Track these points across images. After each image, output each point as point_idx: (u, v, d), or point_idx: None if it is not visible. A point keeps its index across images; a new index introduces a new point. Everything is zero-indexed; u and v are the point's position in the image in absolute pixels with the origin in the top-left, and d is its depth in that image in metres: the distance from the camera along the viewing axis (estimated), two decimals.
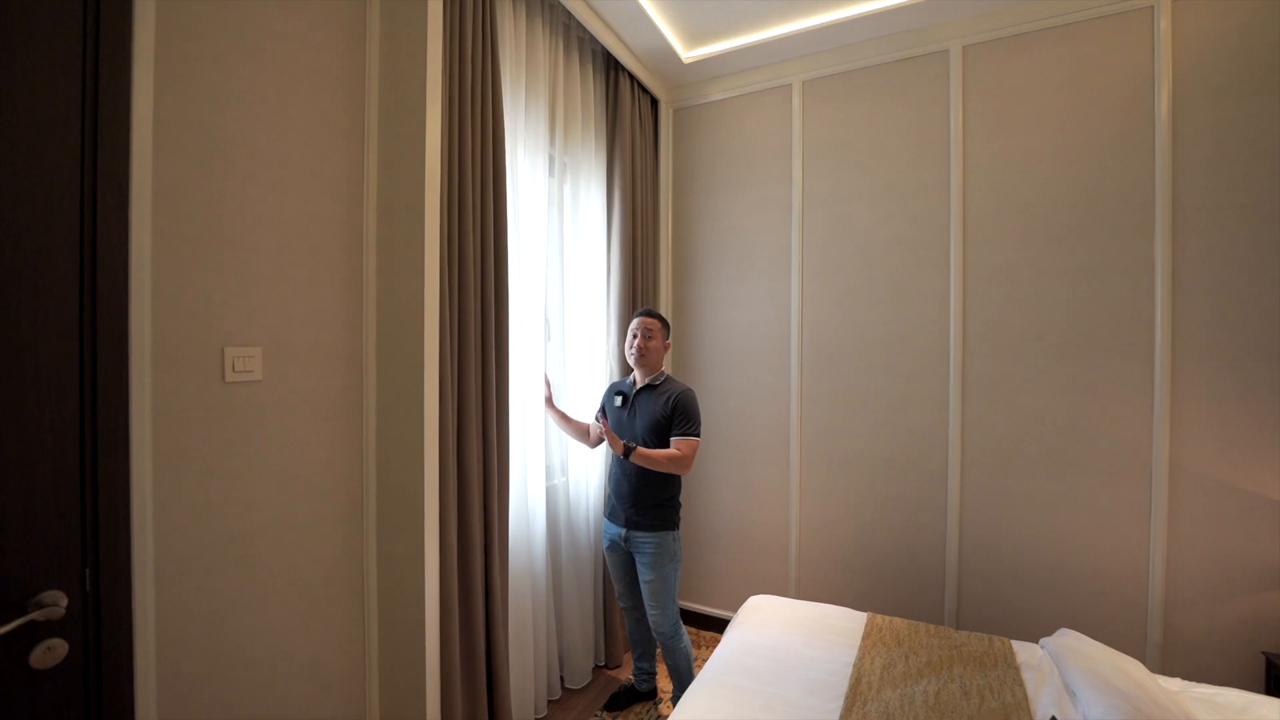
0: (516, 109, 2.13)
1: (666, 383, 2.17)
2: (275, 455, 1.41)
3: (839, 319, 2.60)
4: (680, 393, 2.10)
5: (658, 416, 2.08)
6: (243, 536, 1.35)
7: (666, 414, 2.07)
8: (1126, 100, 2.10)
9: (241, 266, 1.34)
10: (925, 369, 2.42)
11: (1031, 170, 2.24)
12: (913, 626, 1.94)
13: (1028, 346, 2.25)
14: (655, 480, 2.09)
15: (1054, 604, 2.20)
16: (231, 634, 1.33)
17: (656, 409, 2.09)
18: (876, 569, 2.52)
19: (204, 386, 1.28)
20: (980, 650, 1.78)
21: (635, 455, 2.01)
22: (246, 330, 1.35)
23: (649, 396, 2.14)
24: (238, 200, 1.34)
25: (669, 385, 2.15)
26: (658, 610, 2.11)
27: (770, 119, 2.76)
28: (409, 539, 1.61)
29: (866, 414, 2.54)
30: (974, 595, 2.33)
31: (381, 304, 1.64)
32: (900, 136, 2.47)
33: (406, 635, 1.63)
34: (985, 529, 2.32)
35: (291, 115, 1.45)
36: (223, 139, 1.31)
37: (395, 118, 1.63)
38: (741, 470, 2.82)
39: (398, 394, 1.62)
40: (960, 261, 2.35)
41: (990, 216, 2.31)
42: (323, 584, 1.52)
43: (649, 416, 2.10)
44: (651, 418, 2.09)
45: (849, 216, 2.58)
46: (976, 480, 2.33)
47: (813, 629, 1.93)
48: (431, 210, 1.60)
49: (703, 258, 2.93)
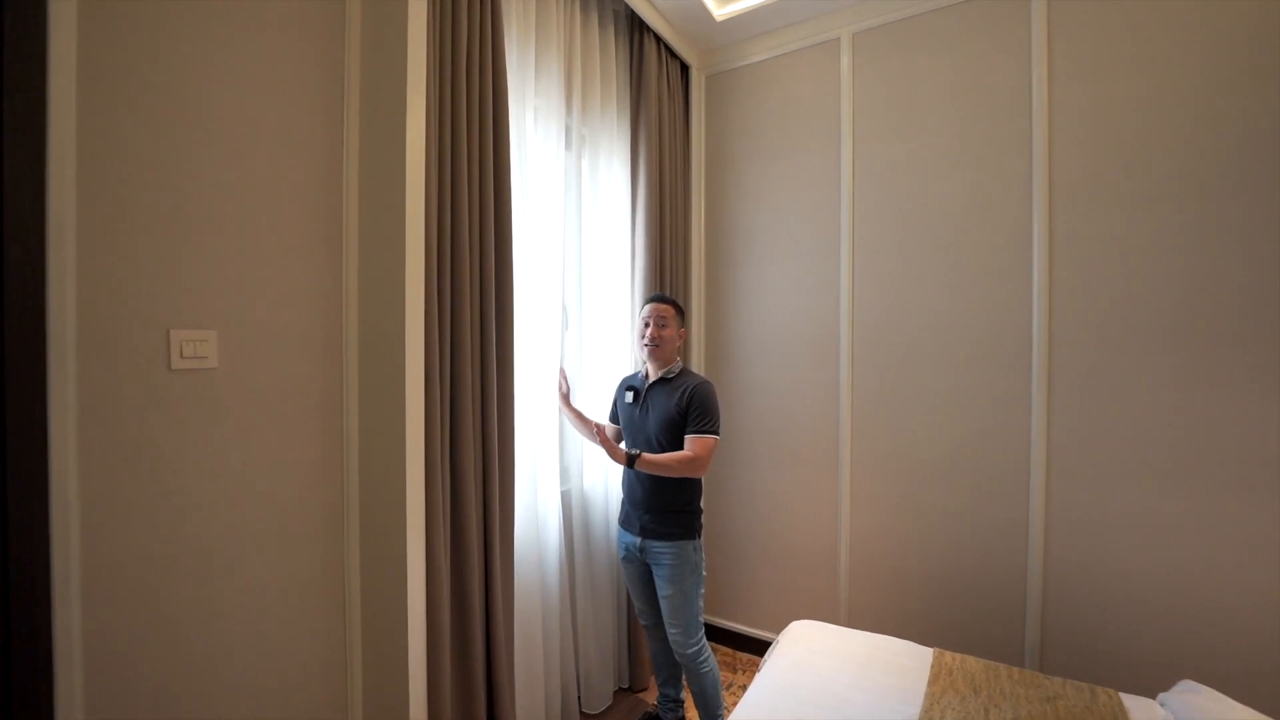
0: (525, 72, 1.91)
1: (682, 375, 1.92)
2: (234, 454, 1.23)
3: (897, 303, 2.26)
4: (697, 385, 1.85)
5: (672, 413, 1.83)
6: (195, 548, 1.17)
7: (681, 409, 1.82)
8: (1266, 27, 1.69)
9: (194, 237, 1.17)
10: (1003, 360, 2.06)
11: (1141, 118, 1.85)
12: (991, 669, 1.61)
13: (1132, 332, 1.86)
14: (671, 483, 1.86)
15: (1169, 649, 1.80)
16: (181, 661, 1.15)
17: (671, 405, 1.85)
18: (942, 592, 2.17)
19: (144, 375, 1.11)
20: (1081, 705, 1.43)
21: (641, 464, 1.77)
22: (199, 310, 1.18)
23: (663, 391, 1.90)
24: (190, 161, 1.16)
25: (685, 378, 1.90)
26: (678, 628, 1.85)
27: (815, 79, 2.44)
28: (391, 550, 1.41)
29: (930, 413, 2.19)
30: (1062, 632, 1.96)
31: (364, 282, 1.45)
32: (970, 90, 2.12)
33: (390, 657, 1.43)
34: (1077, 551, 1.94)
35: (258, 68, 1.27)
36: (170, 90, 1.13)
37: (377, 73, 1.43)
38: (784, 475, 2.52)
39: (380, 383, 1.42)
40: (1045, 232, 1.98)
41: (1083, 178, 1.93)
42: (295, 601, 1.34)
43: (663, 413, 1.86)
44: (666, 414, 1.85)
45: (907, 185, 2.24)
46: (1066, 493, 1.96)
47: (866, 666, 1.63)
48: (414, 176, 1.39)
49: (739, 238, 2.64)
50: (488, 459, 1.65)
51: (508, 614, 1.72)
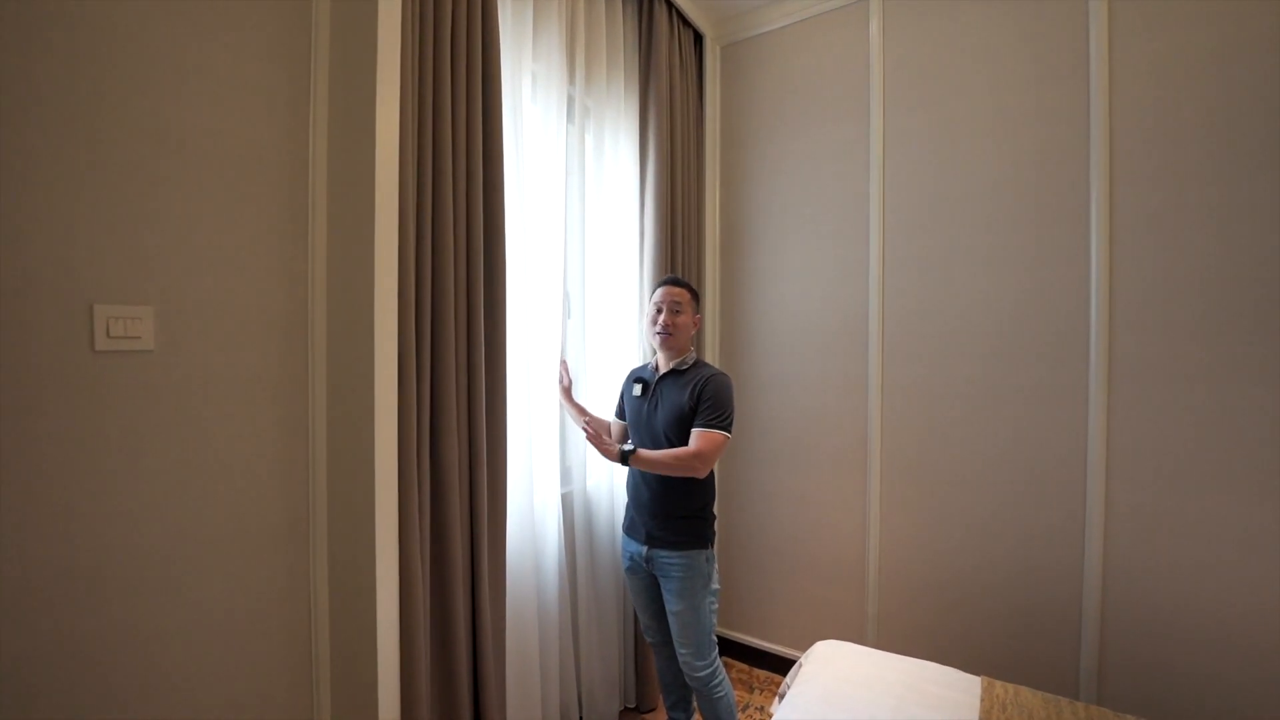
0: (521, 33, 1.74)
1: (696, 367, 1.74)
2: (174, 452, 1.07)
3: (933, 288, 2.04)
4: (711, 376, 1.67)
5: (683, 407, 1.65)
6: (129, 558, 1.01)
7: (692, 403, 1.64)
8: None
9: (126, 199, 1.01)
10: (1055, 351, 1.83)
11: (1214, 75, 1.62)
12: (1051, 704, 1.39)
13: (1205, 318, 1.63)
14: (681, 486, 1.68)
15: (1253, 680, 1.56)
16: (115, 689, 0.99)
17: (682, 398, 1.66)
18: (982, 612, 1.95)
19: (63, 357, 0.95)
20: None
21: (635, 461, 1.60)
22: (132, 284, 1.02)
23: (674, 384, 1.72)
24: (123, 109, 1.00)
25: (699, 370, 1.72)
26: (689, 648, 1.67)
27: (841, 45, 2.23)
28: (357, 561, 1.24)
29: (971, 410, 1.97)
30: (1124, 660, 1.73)
31: (333, 253, 1.28)
32: (1016, 49, 1.90)
33: (359, 680, 1.26)
34: (1142, 566, 1.71)
35: (208, 6, 1.10)
36: (99, 23, 0.97)
37: (347, 16, 1.26)
38: (806, 477, 2.32)
39: (349, 372, 1.25)
40: (1105, 206, 1.75)
41: (1148, 144, 1.71)
42: (248, 623, 1.17)
43: (673, 408, 1.68)
44: (676, 409, 1.67)
45: (945, 158, 2.02)
46: (1128, 501, 1.73)
47: (905, 697, 1.42)
48: (387, 136, 1.22)
49: (757, 220, 2.44)
50: (475, 457, 1.48)
51: (497, 627, 1.54)
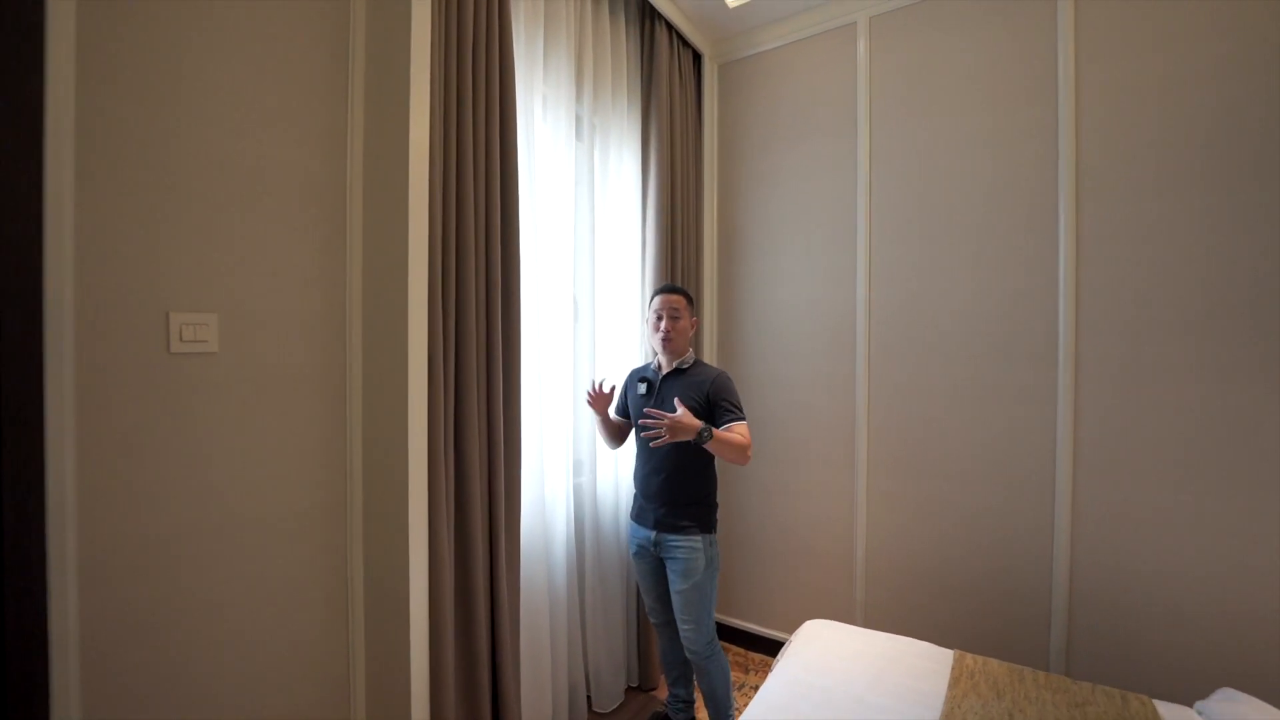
0: (534, 58, 1.88)
1: (697, 367, 1.89)
2: (234, 439, 1.21)
3: (916, 293, 2.19)
4: (718, 376, 1.83)
5: (694, 404, 1.78)
6: (194, 533, 1.15)
7: (703, 401, 1.79)
8: None
9: (194, 219, 1.15)
10: (1027, 351, 1.98)
11: (1169, 99, 1.76)
12: (1014, 673, 1.54)
13: (1163, 321, 1.78)
14: (693, 474, 1.83)
15: (1204, 654, 1.71)
16: (182, 646, 1.14)
17: (691, 395, 1.80)
18: (963, 595, 2.09)
19: (144, 358, 1.09)
20: (1112, 713, 1.36)
21: (713, 442, 1.66)
22: (199, 294, 1.16)
23: (679, 383, 1.86)
24: (191, 142, 1.15)
25: (702, 369, 1.88)
26: (691, 624, 1.81)
27: (831, 65, 2.38)
28: (393, 538, 1.38)
29: (952, 408, 2.12)
30: (1090, 636, 1.87)
31: (368, 267, 1.42)
32: (992, 72, 2.04)
33: (392, 648, 1.40)
34: (1107, 552, 1.85)
35: (260, 46, 1.25)
36: (170, 70, 1.12)
37: (381, 55, 1.41)
38: (798, 471, 2.46)
39: (383, 371, 1.40)
40: (1071, 218, 1.90)
41: (1111, 162, 1.85)
42: (294, 592, 1.32)
43: (685, 405, 1.80)
44: (688, 407, 1.79)
45: (927, 172, 2.17)
46: (1094, 491, 1.87)
47: (884, 667, 1.57)
48: (418, 161, 1.37)
49: (752, 228, 2.58)
50: (493, 448, 1.62)
51: (513, 605, 1.68)
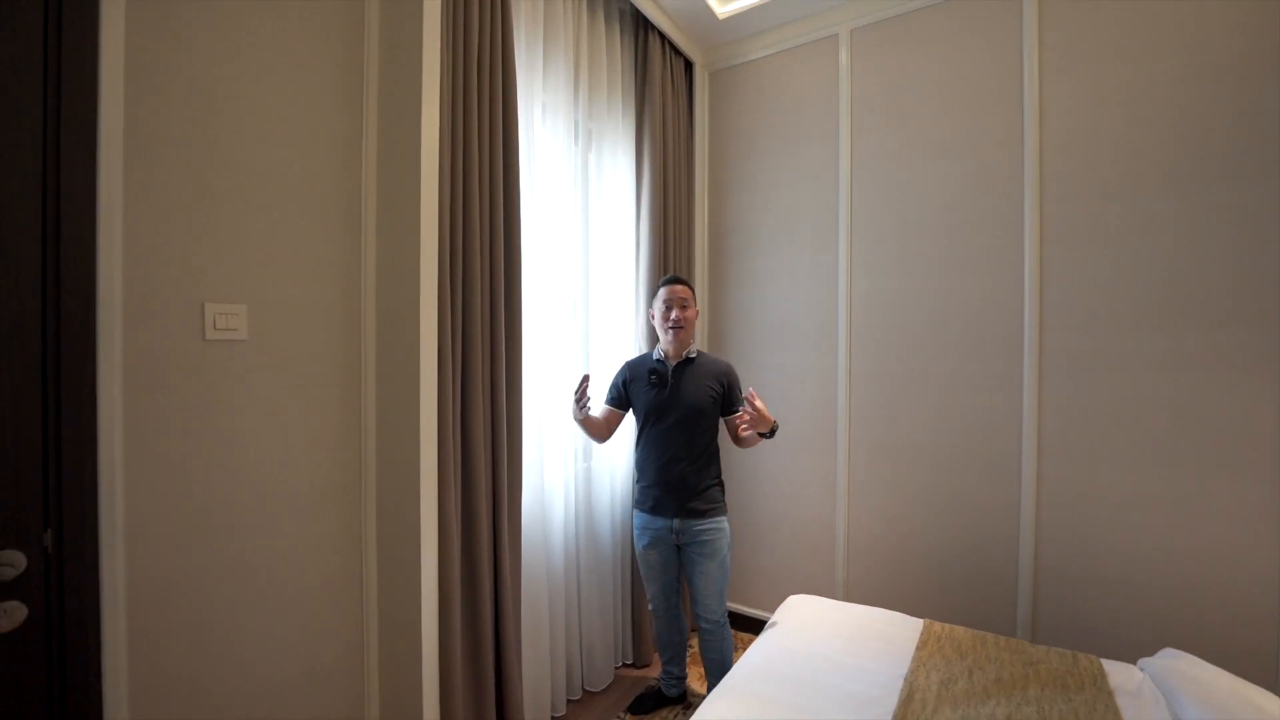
0: (534, 68, 2.01)
1: (704, 356, 2.03)
2: (260, 419, 1.33)
3: (893, 291, 2.32)
4: (730, 367, 2.02)
5: (711, 393, 1.93)
6: (225, 503, 1.27)
7: (719, 391, 1.95)
8: (1252, 15, 1.74)
9: (226, 218, 1.27)
10: (995, 345, 2.11)
11: (1126, 108, 1.90)
12: (978, 637, 1.67)
13: (1120, 316, 1.91)
14: (708, 461, 1.97)
15: (1154, 620, 1.85)
16: (214, 606, 1.25)
17: (708, 385, 1.94)
18: (937, 572, 2.23)
19: (182, 344, 1.21)
20: (1062, 669, 1.49)
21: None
22: (230, 286, 1.28)
23: (692, 372, 1.97)
24: (223, 149, 1.27)
25: (709, 358, 2.02)
26: (714, 598, 1.94)
27: (815, 74, 2.51)
28: (405, 517, 1.50)
29: (926, 397, 2.25)
30: (1053, 606, 2.01)
31: (381, 263, 1.54)
32: (963, 82, 2.18)
33: (403, 619, 1.52)
34: (1067, 529, 1.99)
35: (284, 63, 1.37)
36: (205, 85, 1.24)
37: (394, 68, 1.52)
38: (784, 459, 2.59)
39: (395, 359, 1.52)
40: (1036, 220, 2.03)
41: (1073, 167, 1.99)
42: (314, 561, 1.43)
43: (701, 392, 1.93)
44: (705, 393, 1.93)
45: (903, 176, 2.30)
46: (1056, 473, 2.01)
47: (857, 635, 1.70)
48: (428, 165, 1.49)
49: (741, 229, 2.71)
50: (497, 433, 1.74)
51: (515, 581, 1.80)
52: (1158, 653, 1.55)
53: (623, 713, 2.11)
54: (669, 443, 1.93)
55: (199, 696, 1.22)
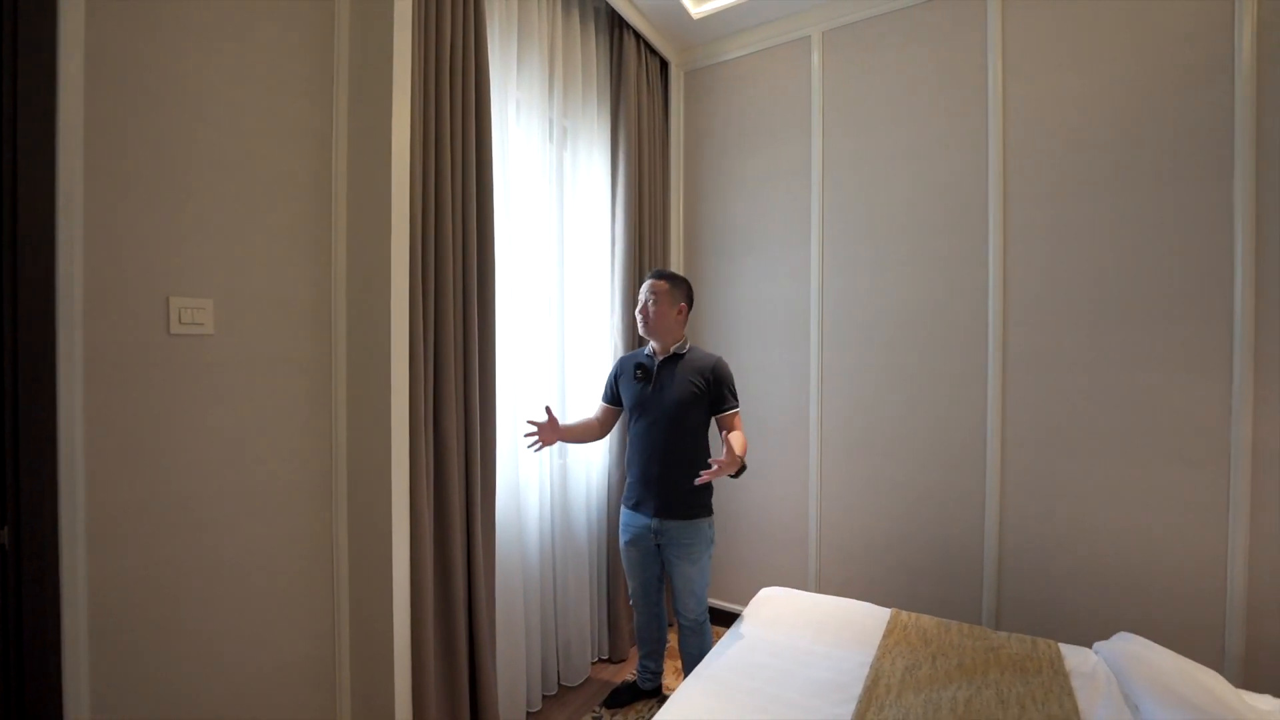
0: (507, 66, 2.01)
1: (695, 352, 1.94)
2: (227, 415, 1.32)
3: (863, 289, 2.37)
4: (718, 363, 1.90)
5: (694, 389, 1.85)
6: (192, 500, 1.26)
7: (702, 387, 1.86)
8: (1201, 24, 1.82)
9: (192, 212, 1.26)
10: (961, 342, 2.17)
11: (1084, 112, 1.97)
12: (943, 625, 1.72)
13: (1079, 314, 1.98)
14: (688, 463, 1.84)
15: (1110, 605, 1.92)
16: (180, 605, 1.24)
17: (690, 381, 1.86)
18: (905, 562, 2.28)
19: (146, 338, 1.19)
20: (1021, 654, 1.54)
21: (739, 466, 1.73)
22: (197, 280, 1.26)
23: (677, 368, 1.91)
24: (189, 142, 1.25)
25: (700, 356, 1.92)
26: (694, 598, 1.93)
27: (788, 75, 2.55)
28: (376, 513, 1.50)
29: (894, 393, 2.30)
30: (1016, 594, 2.07)
31: (352, 260, 1.54)
32: (930, 86, 2.23)
33: (375, 617, 1.51)
34: (1029, 520, 2.05)
35: (252, 54, 1.36)
36: (170, 76, 1.22)
37: (364, 62, 1.52)
38: (758, 455, 2.62)
39: (366, 355, 1.51)
40: (1000, 220, 2.10)
41: (1034, 168, 2.05)
42: (284, 558, 1.42)
43: (682, 388, 1.87)
44: (686, 390, 1.86)
45: (873, 177, 2.35)
46: (1019, 465, 2.07)
47: (826, 624, 1.73)
48: (399, 162, 1.49)
49: (716, 228, 2.74)
50: (470, 430, 1.74)
51: (489, 576, 1.80)
52: (1112, 636, 1.61)
53: (598, 707, 2.12)
54: (651, 440, 1.90)
55: (165, 697, 1.21)
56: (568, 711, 2.12)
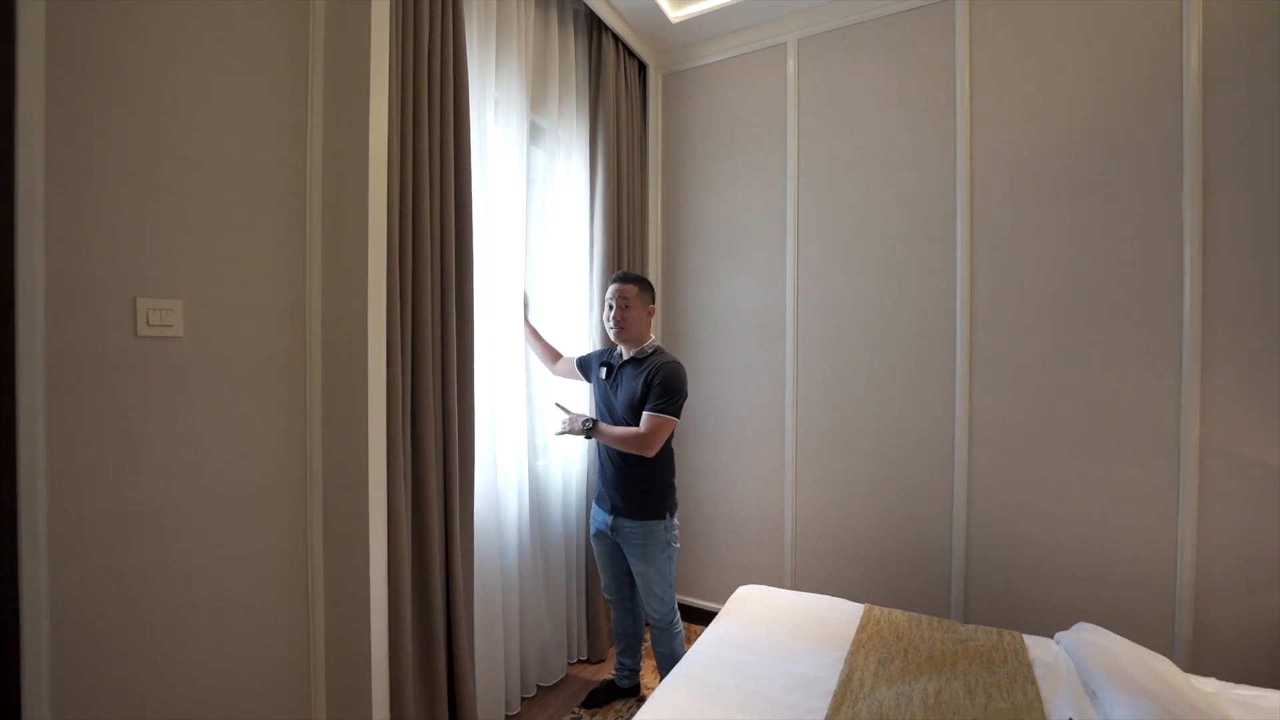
0: (486, 66, 1.99)
1: (655, 355, 1.95)
2: (197, 419, 1.28)
3: (837, 292, 2.42)
4: (664, 364, 1.89)
5: (636, 393, 1.89)
6: (161, 507, 1.22)
7: (644, 390, 1.87)
8: (1153, 43, 1.91)
9: (160, 210, 1.22)
10: (930, 344, 2.24)
11: (1046, 124, 2.06)
12: (913, 619, 1.77)
13: (1041, 317, 2.07)
14: (637, 464, 1.91)
15: (1071, 596, 2.01)
16: (149, 615, 1.20)
17: (636, 385, 1.90)
18: (878, 559, 2.35)
19: (111, 341, 1.15)
20: (988, 646, 1.60)
21: (596, 432, 1.89)
22: (166, 281, 1.23)
23: (632, 370, 1.95)
24: (158, 138, 1.21)
25: (656, 358, 1.93)
26: (654, 600, 1.95)
27: (764, 81, 2.59)
28: (353, 518, 1.48)
29: (867, 394, 2.36)
30: (984, 587, 2.15)
31: (327, 260, 1.51)
32: (902, 95, 2.30)
33: (353, 622, 1.49)
34: (996, 515, 2.13)
35: (225, 49, 1.32)
36: (138, 70, 1.18)
37: (340, 59, 1.49)
38: (734, 455, 2.66)
39: (342, 357, 1.49)
40: (967, 226, 2.17)
41: (1000, 176, 2.13)
42: (257, 565, 1.39)
43: (630, 392, 1.92)
44: (631, 394, 1.91)
45: (847, 182, 2.41)
46: (986, 463, 2.15)
47: (802, 621, 1.77)
48: (376, 161, 1.46)
49: (694, 230, 2.77)
50: (448, 432, 1.73)
51: (467, 580, 1.79)
52: (1073, 626, 1.68)
53: (577, 708, 2.13)
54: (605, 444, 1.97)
55: (133, 711, 1.17)
56: (547, 713, 2.11)
